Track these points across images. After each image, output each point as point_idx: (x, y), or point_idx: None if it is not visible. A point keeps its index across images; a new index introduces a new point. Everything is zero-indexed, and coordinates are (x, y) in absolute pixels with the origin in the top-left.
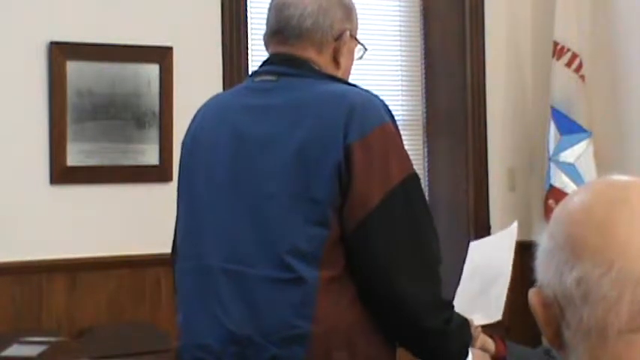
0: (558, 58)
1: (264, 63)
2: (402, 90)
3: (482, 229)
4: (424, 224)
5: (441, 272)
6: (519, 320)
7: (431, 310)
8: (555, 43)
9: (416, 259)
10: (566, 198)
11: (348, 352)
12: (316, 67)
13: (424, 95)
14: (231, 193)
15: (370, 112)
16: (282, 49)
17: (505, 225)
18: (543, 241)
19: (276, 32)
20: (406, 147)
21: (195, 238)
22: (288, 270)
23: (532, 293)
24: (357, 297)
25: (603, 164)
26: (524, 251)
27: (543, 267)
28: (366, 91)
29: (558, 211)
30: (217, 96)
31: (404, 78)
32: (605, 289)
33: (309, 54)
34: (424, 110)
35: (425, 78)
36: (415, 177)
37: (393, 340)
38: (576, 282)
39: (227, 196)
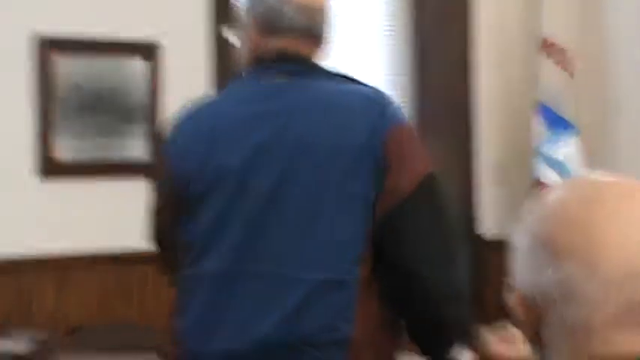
0: (547, 54)
1: (265, 62)
2: (389, 85)
3: (470, 224)
4: (448, 217)
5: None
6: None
7: (453, 301)
8: (544, 39)
9: (443, 250)
10: (544, 197)
11: (377, 351)
12: (322, 66)
13: (413, 91)
14: (267, 196)
15: (396, 111)
16: (287, 46)
17: (493, 220)
18: (522, 241)
19: (281, 29)
20: None
21: (219, 243)
22: (329, 270)
23: (511, 293)
24: (380, 295)
25: (591, 160)
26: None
27: (523, 267)
28: (378, 89)
29: (536, 210)
30: (215, 103)
31: (391, 73)
32: (591, 291)
33: (315, 52)
34: (413, 106)
35: (413, 74)
36: (435, 173)
37: (401, 335)
38: (558, 282)
39: (262, 200)
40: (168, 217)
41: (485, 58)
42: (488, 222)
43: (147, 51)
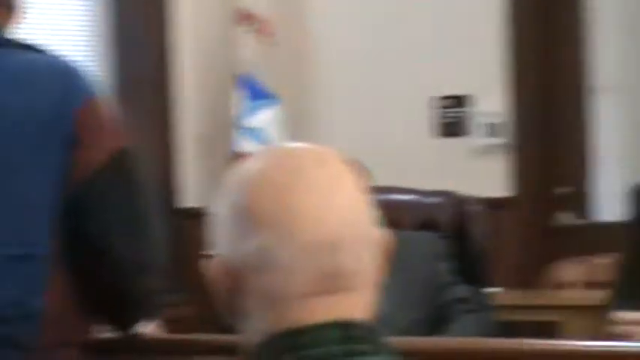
0: (245, 25)
1: None
2: (85, 57)
3: (170, 197)
4: (141, 192)
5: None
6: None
7: (142, 275)
8: (241, 10)
9: (134, 224)
10: (241, 165)
11: (71, 326)
12: (11, 36)
13: (110, 64)
14: None
15: (88, 84)
16: None
17: (195, 192)
18: (221, 210)
19: None
20: None
21: None
22: (17, 245)
23: (211, 262)
24: (72, 269)
25: (291, 130)
26: None
27: (224, 236)
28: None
29: (235, 179)
30: None
31: (89, 49)
32: (286, 258)
33: (3, 21)
34: (110, 79)
35: (110, 46)
36: (129, 148)
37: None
38: (257, 251)
39: None
40: None
41: (184, 32)
42: (190, 194)
43: None
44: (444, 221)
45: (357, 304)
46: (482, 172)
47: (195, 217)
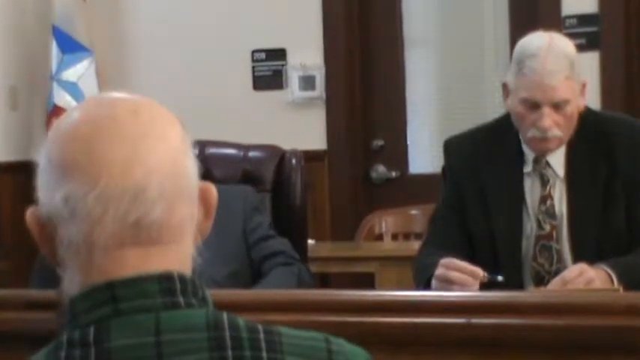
0: None
1: None
2: None
3: None
4: None
5: None
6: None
7: None
8: None
9: None
10: (62, 117)
11: None
12: None
13: None
14: None
15: None
16: None
17: (9, 145)
18: (40, 162)
19: None
20: None
21: None
22: None
23: (29, 212)
24: None
25: (105, 82)
26: (25, 171)
27: (41, 188)
28: None
29: (53, 130)
30: None
31: None
32: (90, 206)
33: None
34: None
35: None
36: None
37: None
38: (64, 200)
39: None
40: None
41: None
42: (4, 147)
43: None
44: (265, 175)
45: (173, 258)
46: (301, 125)
47: (8, 170)
